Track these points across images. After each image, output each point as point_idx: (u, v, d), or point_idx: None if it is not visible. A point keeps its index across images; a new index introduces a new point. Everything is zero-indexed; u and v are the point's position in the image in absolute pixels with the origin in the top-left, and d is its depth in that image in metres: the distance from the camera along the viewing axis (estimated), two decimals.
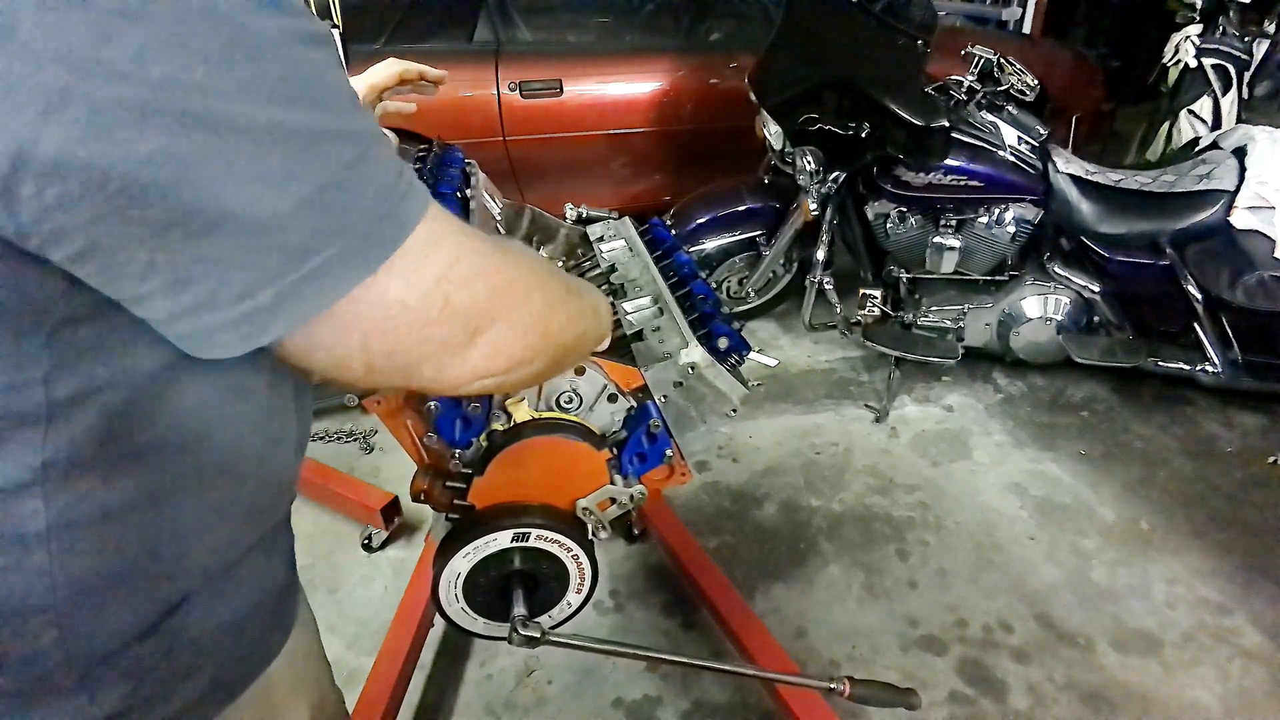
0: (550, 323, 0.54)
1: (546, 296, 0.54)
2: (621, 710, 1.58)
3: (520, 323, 0.51)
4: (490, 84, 2.86)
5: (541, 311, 0.53)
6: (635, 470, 0.91)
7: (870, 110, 2.19)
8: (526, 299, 0.52)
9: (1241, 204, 2.17)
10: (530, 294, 0.52)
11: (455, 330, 0.47)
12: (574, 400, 0.90)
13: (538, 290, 0.53)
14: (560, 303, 0.56)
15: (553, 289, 0.56)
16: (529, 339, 0.52)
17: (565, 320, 0.56)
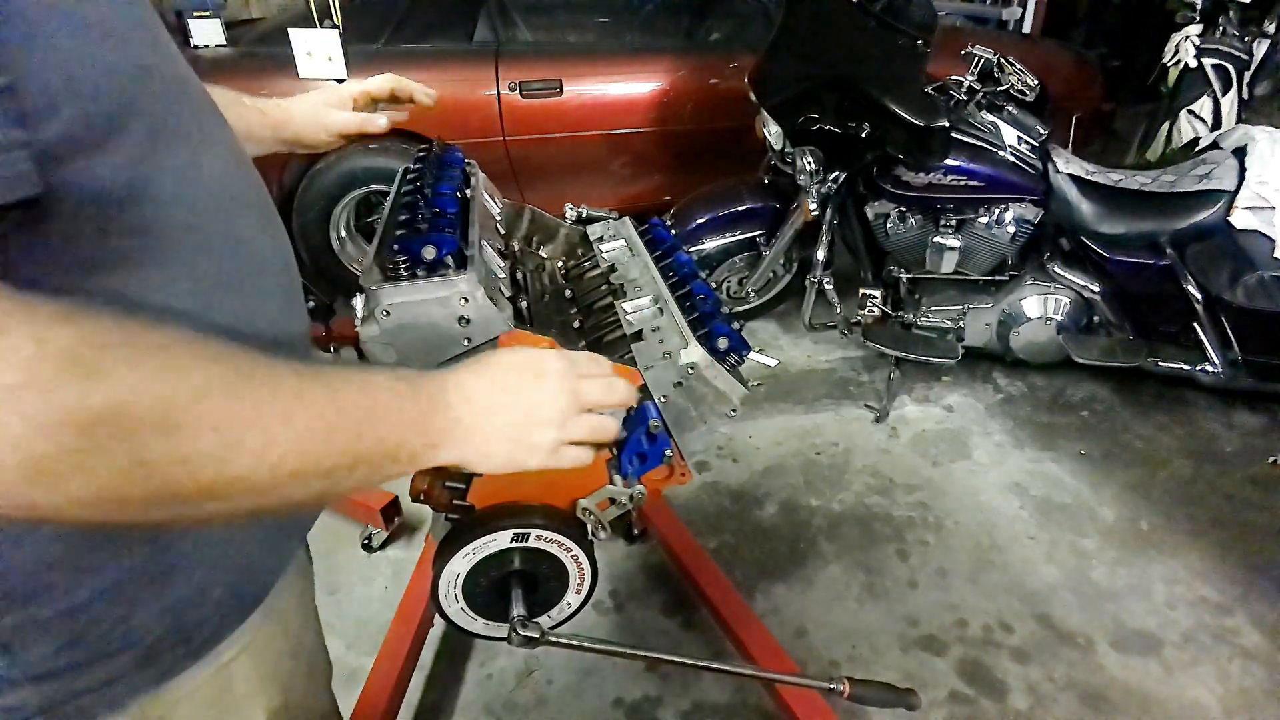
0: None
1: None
2: (621, 710, 1.58)
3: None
4: (490, 84, 2.86)
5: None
6: (635, 470, 0.90)
7: (870, 110, 2.19)
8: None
9: (1241, 204, 2.17)
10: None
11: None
12: None
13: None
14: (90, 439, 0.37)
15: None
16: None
17: (106, 469, 0.38)
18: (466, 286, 0.81)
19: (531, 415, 0.59)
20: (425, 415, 0.53)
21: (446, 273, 0.82)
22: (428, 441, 0.53)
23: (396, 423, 0.51)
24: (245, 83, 0.63)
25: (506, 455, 0.59)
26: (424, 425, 0.53)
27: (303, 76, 2.57)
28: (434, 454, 0.54)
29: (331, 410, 0.47)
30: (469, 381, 0.57)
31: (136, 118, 0.48)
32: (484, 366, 0.59)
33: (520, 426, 0.59)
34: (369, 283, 0.81)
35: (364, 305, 0.81)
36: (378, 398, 0.50)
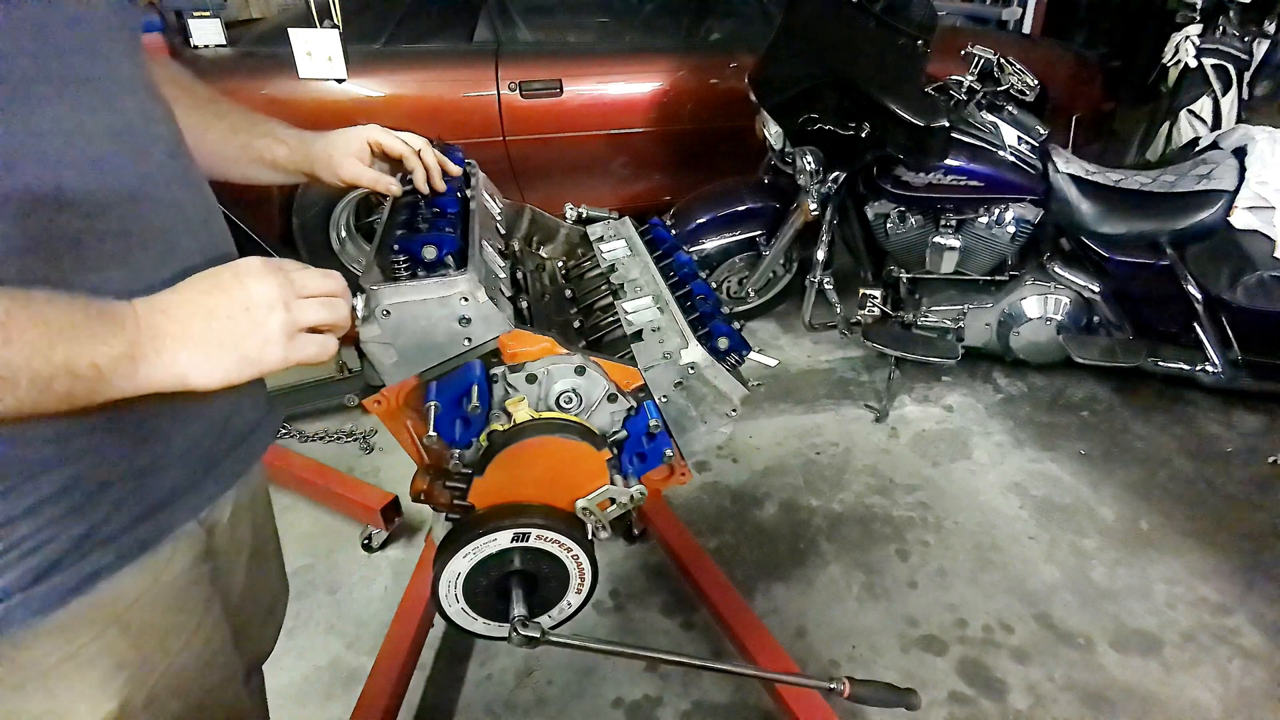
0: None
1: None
2: (621, 710, 1.58)
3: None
4: (490, 84, 2.86)
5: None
6: (635, 470, 0.91)
7: (870, 110, 2.19)
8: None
9: (1241, 204, 2.17)
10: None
11: None
12: (574, 400, 0.90)
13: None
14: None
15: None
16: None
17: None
18: (467, 286, 0.81)
19: (245, 306, 0.57)
20: (111, 329, 0.51)
21: (447, 272, 0.82)
22: (116, 354, 0.51)
23: (60, 330, 0.49)
24: (245, 83, 0.61)
25: (237, 355, 0.57)
26: (111, 339, 0.51)
27: (303, 76, 2.57)
28: (132, 368, 0.52)
29: (30, 325, 0.47)
30: (163, 297, 0.56)
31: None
32: (181, 284, 0.58)
33: (236, 320, 0.56)
34: (369, 283, 0.81)
35: (364, 305, 0.81)
36: (31, 306, 0.48)
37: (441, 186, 1.00)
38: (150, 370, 0.53)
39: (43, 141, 0.52)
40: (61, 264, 0.54)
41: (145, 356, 0.53)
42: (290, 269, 0.62)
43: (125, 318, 0.53)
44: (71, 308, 0.50)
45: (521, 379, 0.87)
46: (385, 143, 0.96)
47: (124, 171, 0.58)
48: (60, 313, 0.49)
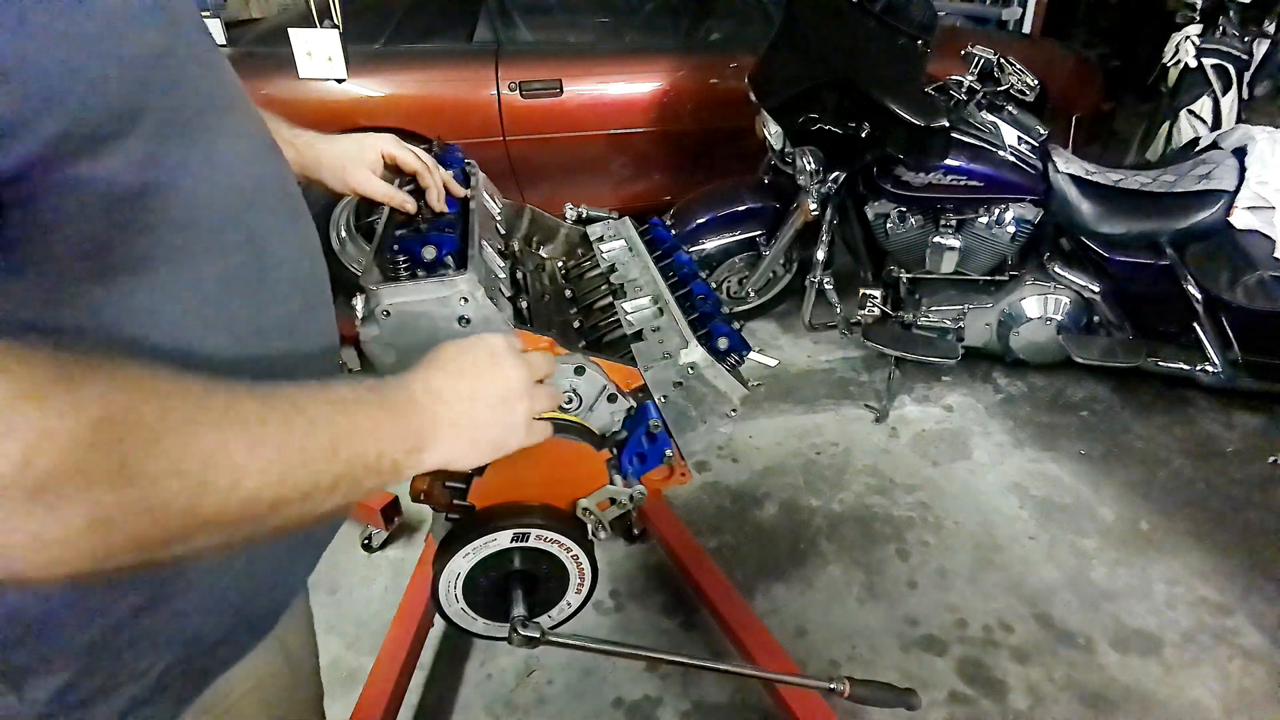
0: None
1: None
2: (621, 710, 1.58)
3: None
4: (490, 84, 2.86)
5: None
6: (635, 470, 0.91)
7: (870, 110, 2.19)
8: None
9: (1241, 204, 2.17)
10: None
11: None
12: (574, 400, 0.90)
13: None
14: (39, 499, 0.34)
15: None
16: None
17: (61, 526, 0.35)
18: (467, 286, 0.81)
19: (503, 395, 0.59)
20: (400, 421, 0.51)
21: (447, 273, 0.82)
22: (408, 448, 0.51)
23: (372, 434, 0.49)
24: (245, 83, 0.60)
25: (491, 442, 0.58)
26: (401, 432, 0.51)
27: (303, 76, 2.57)
28: (418, 459, 0.52)
29: (302, 432, 0.44)
30: (435, 378, 0.56)
31: (148, 112, 0.44)
32: (443, 360, 0.58)
33: (495, 409, 0.58)
34: (369, 283, 0.81)
35: (364, 305, 0.81)
36: (349, 411, 0.48)
37: (443, 207, 0.99)
38: (427, 458, 0.53)
39: (230, 174, 0.52)
40: (241, 288, 0.53)
41: (427, 447, 0.53)
42: (522, 348, 0.63)
43: (409, 410, 0.52)
44: (371, 407, 0.50)
45: None
46: (400, 157, 0.93)
47: (275, 187, 0.58)
48: (366, 415, 0.49)
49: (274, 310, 0.57)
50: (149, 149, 0.44)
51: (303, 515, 0.45)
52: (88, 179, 0.41)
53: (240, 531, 0.42)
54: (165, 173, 0.46)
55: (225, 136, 0.52)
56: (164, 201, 0.46)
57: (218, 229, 0.51)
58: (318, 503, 0.45)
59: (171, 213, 0.47)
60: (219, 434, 0.40)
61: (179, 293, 0.48)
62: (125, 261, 0.45)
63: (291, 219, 0.60)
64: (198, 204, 0.49)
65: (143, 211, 0.45)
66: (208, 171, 0.50)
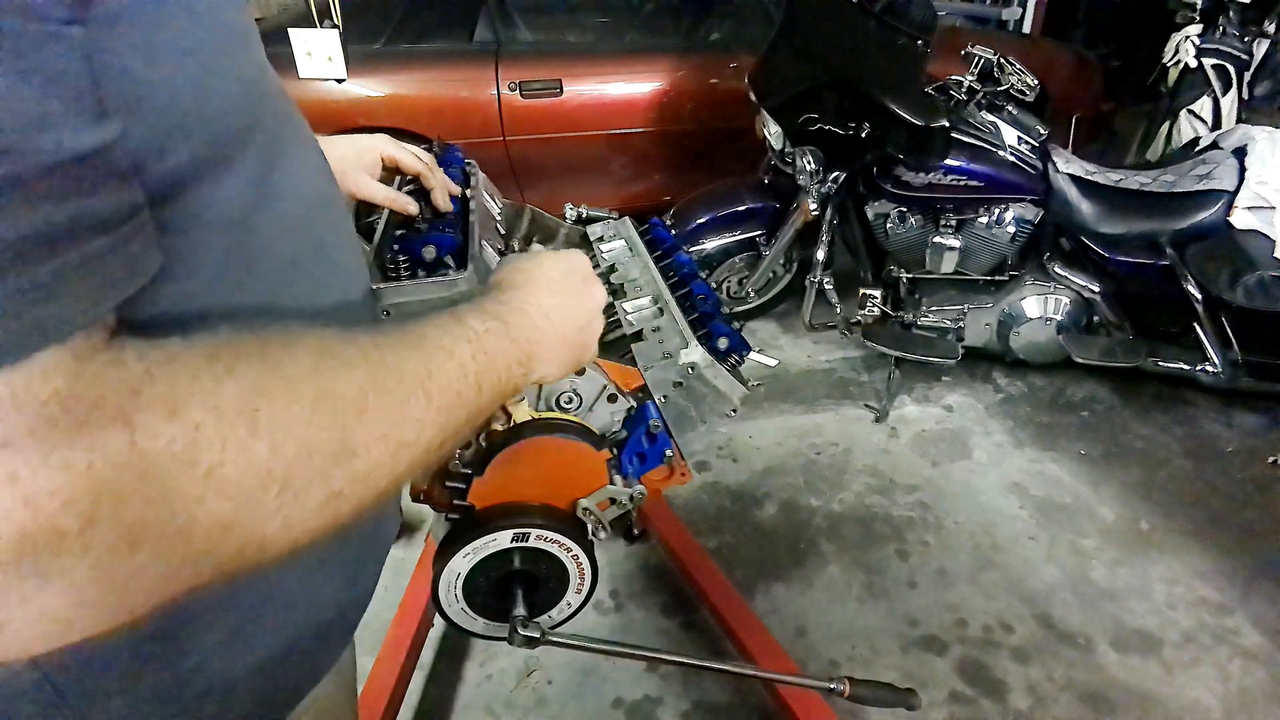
0: (237, 541, 0.34)
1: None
2: (621, 710, 1.58)
3: (120, 572, 0.30)
4: (490, 84, 2.86)
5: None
6: (635, 470, 0.91)
7: (870, 110, 2.19)
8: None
9: (1241, 204, 2.17)
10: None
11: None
12: (574, 400, 0.90)
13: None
14: (287, 491, 0.35)
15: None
16: (165, 581, 0.32)
17: (307, 509, 0.36)
18: (467, 286, 0.81)
19: (590, 318, 0.63)
20: (522, 348, 0.54)
21: (447, 272, 0.82)
22: (525, 369, 0.55)
23: (504, 363, 0.52)
24: None
25: (575, 359, 0.62)
26: (521, 356, 0.54)
27: (303, 76, 2.57)
28: (527, 377, 0.56)
29: (456, 375, 0.47)
30: (545, 299, 0.58)
31: (259, 129, 0.43)
32: (549, 279, 0.60)
33: (583, 330, 0.62)
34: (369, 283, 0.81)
35: None
36: (483, 345, 0.50)
37: (449, 205, 0.98)
38: (533, 374, 0.56)
39: (305, 190, 0.51)
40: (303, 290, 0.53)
41: (535, 366, 0.56)
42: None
43: (530, 336, 0.55)
44: (501, 338, 0.52)
45: None
46: (400, 159, 0.92)
47: (335, 197, 0.59)
48: (498, 347, 0.51)
49: (339, 314, 0.56)
50: (260, 168, 0.44)
51: (455, 446, 0.49)
52: (205, 205, 0.40)
53: (417, 474, 0.45)
54: (270, 189, 0.45)
55: (301, 149, 0.52)
56: (267, 219, 0.45)
57: (298, 241, 0.51)
58: (463, 434, 0.49)
59: (271, 229, 0.46)
60: (401, 393, 0.42)
61: (263, 305, 0.47)
62: (233, 282, 0.43)
63: (345, 225, 0.61)
64: (288, 218, 0.49)
65: (253, 231, 0.44)
66: (295, 184, 0.49)
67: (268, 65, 0.48)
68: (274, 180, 0.46)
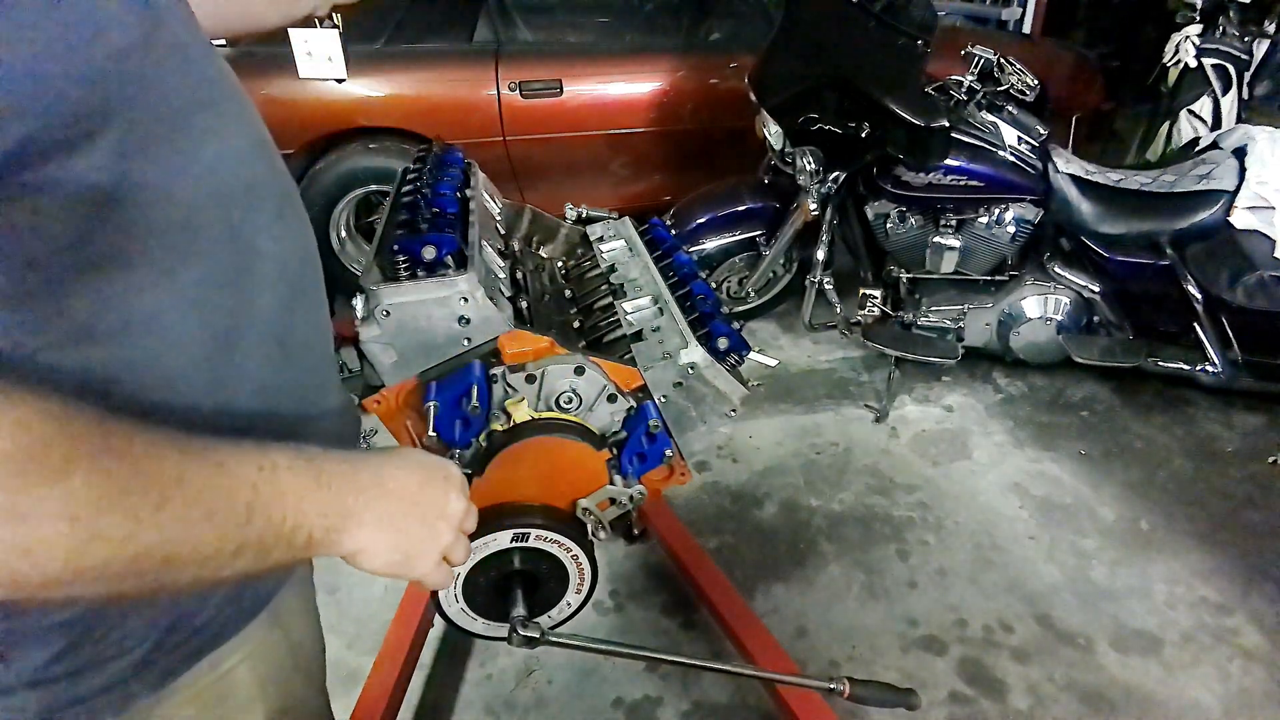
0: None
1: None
2: (621, 710, 1.58)
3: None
4: (490, 84, 2.85)
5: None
6: (635, 470, 0.91)
7: (870, 110, 2.19)
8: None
9: (1241, 204, 2.17)
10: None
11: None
12: (574, 400, 0.90)
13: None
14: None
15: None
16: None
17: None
18: (467, 286, 0.81)
19: (437, 517, 0.58)
20: (329, 497, 0.50)
21: (446, 273, 0.82)
22: (328, 525, 0.50)
23: (295, 505, 0.47)
24: (245, 82, 0.59)
25: (405, 553, 0.56)
26: (325, 508, 0.49)
27: (303, 76, 2.55)
28: (336, 539, 0.51)
29: (217, 492, 0.43)
30: (388, 470, 0.55)
31: (118, 113, 0.44)
32: (405, 459, 0.57)
33: (423, 526, 0.57)
34: (369, 283, 0.81)
35: (364, 305, 0.81)
36: (277, 478, 0.47)
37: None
38: (345, 540, 0.52)
39: (214, 173, 0.51)
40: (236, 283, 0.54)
41: (348, 529, 0.51)
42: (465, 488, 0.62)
43: (346, 489, 0.51)
44: (305, 477, 0.48)
45: (521, 379, 0.87)
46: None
47: (265, 184, 0.58)
48: (296, 484, 0.48)
49: (258, 309, 0.57)
50: (121, 150, 0.44)
51: (199, 578, 0.44)
52: (56, 180, 0.41)
53: (125, 585, 0.41)
54: (139, 173, 0.46)
55: (211, 134, 0.52)
56: (140, 201, 0.46)
57: (198, 228, 0.51)
58: (218, 566, 0.44)
59: (148, 212, 0.47)
60: (125, 485, 0.39)
61: (155, 292, 0.48)
62: (98, 261, 0.45)
63: (280, 216, 0.60)
64: (176, 203, 0.49)
65: (116, 211, 0.45)
66: (189, 170, 0.49)
67: (158, 48, 0.47)
68: (150, 163, 0.46)
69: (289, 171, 0.64)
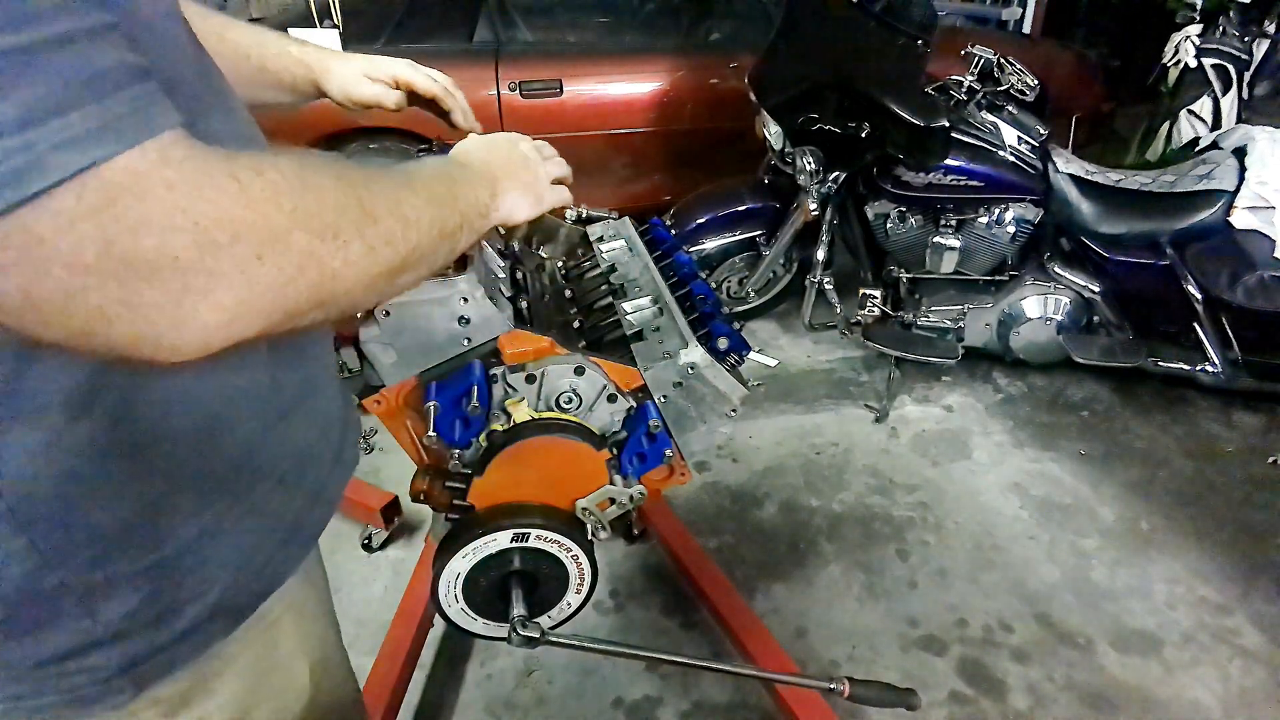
0: (319, 269, 0.44)
1: (308, 244, 0.44)
2: (621, 710, 1.58)
3: (259, 282, 0.42)
4: (490, 84, 2.86)
5: (300, 263, 0.43)
6: (635, 470, 0.91)
7: (870, 110, 2.19)
8: (273, 250, 0.42)
9: (1241, 204, 2.17)
10: (274, 247, 0.42)
11: (129, 290, 0.38)
12: (574, 400, 0.90)
13: (290, 239, 0.43)
14: (339, 238, 0.46)
15: (322, 228, 0.45)
16: (284, 294, 0.43)
17: (355, 255, 0.47)
18: (466, 286, 0.81)
19: (524, 160, 0.75)
20: (474, 175, 0.66)
21: (446, 273, 0.82)
22: (491, 191, 0.66)
23: (468, 185, 0.63)
24: None
25: (535, 193, 0.74)
26: (480, 180, 0.65)
27: None
28: (498, 200, 0.68)
29: (432, 183, 0.58)
30: (470, 148, 0.72)
31: (182, 80, 0.48)
32: (469, 142, 0.75)
33: (525, 167, 0.74)
34: None
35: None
36: (446, 173, 0.62)
37: (479, 126, 1.01)
38: (502, 199, 0.69)
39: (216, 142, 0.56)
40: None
41: (499, 191, 0.68)
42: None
43: (472, 169, 0.67)
44: (454, 168, 0.65)
45: (521, 379, 0.87)
46: (415, 81, 0.96)
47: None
48: (457, 173, 0.64)
49: None
50: (187, 119, 0.47)
51: (452, 250, 0.60)
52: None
53: (428, 262, 0.55)
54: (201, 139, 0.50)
55: (222, 110, 0.56)
56: None
57: None
58: (457, 240, 0.59)
59: None
60: (398, 187, 0.53)
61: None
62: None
63: None
64: None
65: None
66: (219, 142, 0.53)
67: (183, 24, 0.53)
68: (200, 133, 0.50)
69: None
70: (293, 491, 0.65)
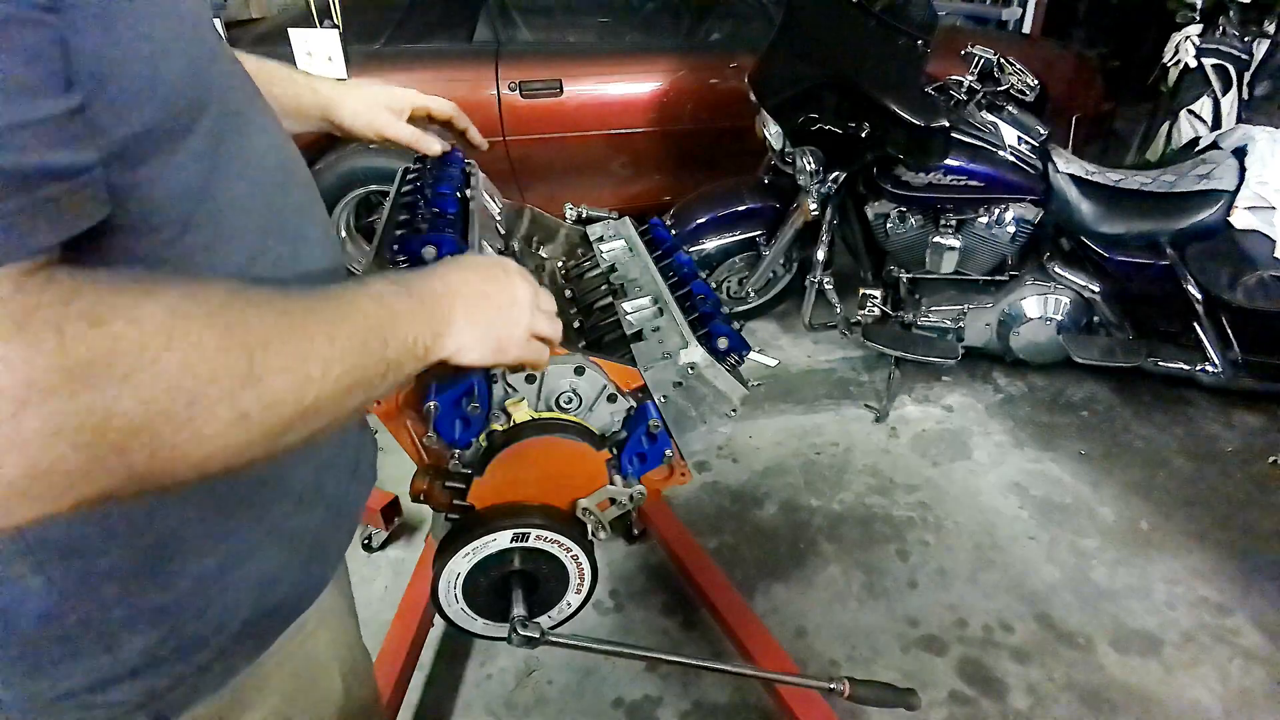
0: (150, 446, 0.37)
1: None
2: (621, 710, 1.58)
3: (44, 463, 0.34)
4: (490, 84, 2.85)
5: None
6: (635, 470, 0.91)
7: (870, 110, 2.19)
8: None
9: (1241, 204, 2.17)
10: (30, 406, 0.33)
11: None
12: (574, 400, 0.90)
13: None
14: (194, 405, 0.38)
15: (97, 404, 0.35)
16: (90, 477, 0.36)
17: (217, 425, 0.39)
18: None
19: (510, 303, 0.64)
20: (427, 308, 0.57)
21: None
22: (434, 332, 0.56)
23: (409, 322, 0.54)
24: None
25: (496, 341, 0.62)
26: (428, 318, 0.56)
27: None
28: (441, 344, 0.57)
29: (361, 325, 0.50)
30: (452, 275, 0.61)
31: (209, 108, 0.47)
32: (460, 262, 0.64)
33: (502, 312, 0.63)
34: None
35: None
36: (388, 304, 0.53)
37: (485, 144, 1.03)
38: (448, 342, 0.58)
39: (259, 156, 0.55)
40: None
41: (446, 332, 0.58)
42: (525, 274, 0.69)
43: (432, 299, 0.57)
44: (404, 298, 0.55)
45: (521, 379, 0.87)
46: (430, 106, 0.99)
47: (297, 170, 0.62)
48: (402, 305, 0.54)
49: (309, 280, 0.61)
50: (209, 144, 0.48)
51: (368, 398, 0.51)
52: (157, 179, 0.44)
53: (330, 416, 0.47)
54: (221, 165, 0.49)
55: (257, 127, 0.56)
56: (222, 192, 0.50)
57: (263, 212, 0.55)
58: (377, 387, 0.51)
59: (228, 201, 0.51)
60: (306, 333, 0.45)
61: (239, 274, 0.52)
62: (188, 252, 0.48)
63: (311, 193, 0.64)
64: (246, 189, 0.53)
65: (206, 204, 0.48)
66: (251, 156, 0.53)
67: (221, 48, 0.53)
68: (230, 152, 0.50)
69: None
70: (312, 510, 0.64)
